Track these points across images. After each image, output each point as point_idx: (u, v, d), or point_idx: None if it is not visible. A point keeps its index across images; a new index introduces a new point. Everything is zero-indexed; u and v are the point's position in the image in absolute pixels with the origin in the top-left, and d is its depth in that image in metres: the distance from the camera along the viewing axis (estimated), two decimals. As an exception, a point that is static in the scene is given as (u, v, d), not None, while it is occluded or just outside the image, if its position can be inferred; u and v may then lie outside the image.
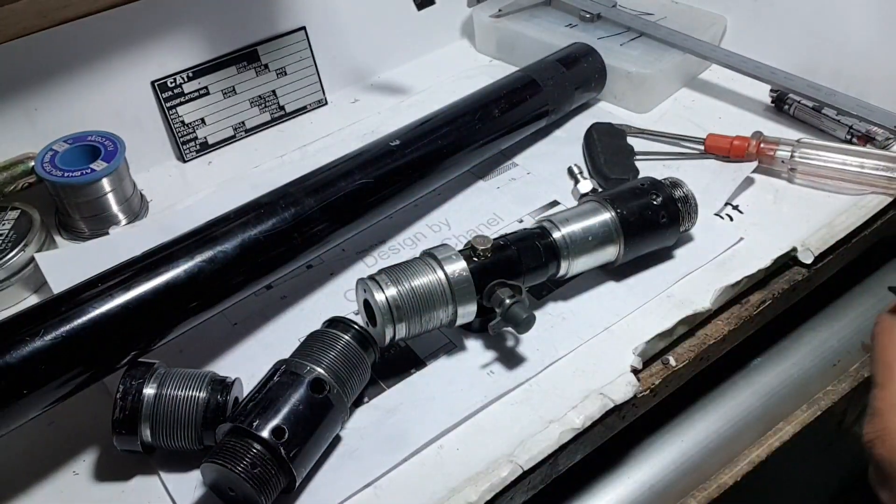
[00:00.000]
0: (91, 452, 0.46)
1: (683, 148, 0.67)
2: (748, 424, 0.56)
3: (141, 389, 0.43)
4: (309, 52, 0.74)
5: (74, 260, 0.57)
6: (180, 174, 0.69)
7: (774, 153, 0.61)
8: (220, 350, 0.51)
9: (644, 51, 0.74)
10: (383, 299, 0.45)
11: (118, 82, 0.65)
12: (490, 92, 0.65)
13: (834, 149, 0.60)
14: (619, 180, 0.62)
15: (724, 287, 0.52)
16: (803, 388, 0.59)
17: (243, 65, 0.71)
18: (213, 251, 0.47)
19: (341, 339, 0.45)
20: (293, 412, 0.41)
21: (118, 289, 0.43)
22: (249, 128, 0.73)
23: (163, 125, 0.69)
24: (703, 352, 0.51)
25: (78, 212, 0.61)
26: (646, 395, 0.48)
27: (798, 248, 0.55)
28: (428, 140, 0.59)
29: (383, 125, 0.70)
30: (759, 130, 0.64)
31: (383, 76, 0.81)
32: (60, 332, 0.41)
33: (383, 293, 0.46)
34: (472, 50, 0.85)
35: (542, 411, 0.46)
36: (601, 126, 0.68)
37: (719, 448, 0.55)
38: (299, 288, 0.56)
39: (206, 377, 0.44)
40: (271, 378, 0.43)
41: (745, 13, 0.76)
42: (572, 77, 0.69)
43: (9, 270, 0.56)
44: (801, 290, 0.56)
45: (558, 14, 0.81)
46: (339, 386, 0.43)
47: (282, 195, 0.51)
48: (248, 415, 0.41)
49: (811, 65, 0.69)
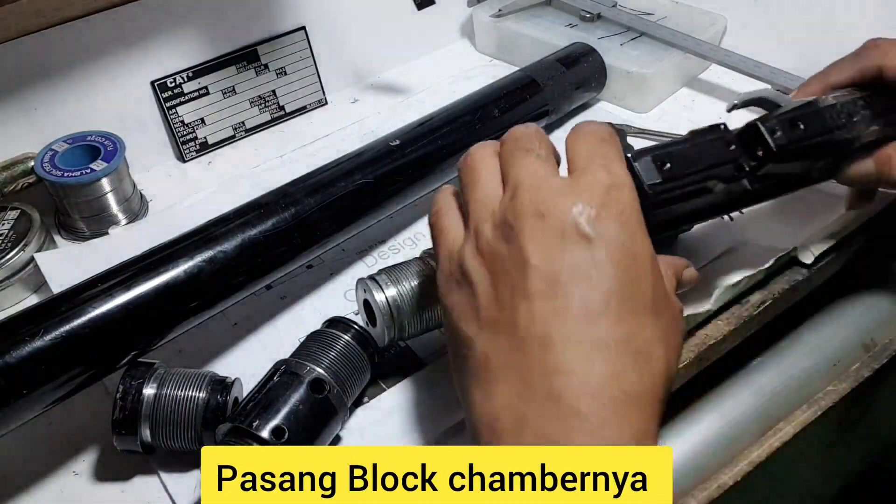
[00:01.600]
0: (91, 452, 0.46)
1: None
2: (748, 424, 0.56)
3: (141, 389, 0.43)
4: (309, 52, 0.74)
5: (74, 260, 0.57)
6: (180, 174, 0.69)
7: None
8: (220, 350, 0.51)
9: (644, 51, 0.74)
10: (383, 299, 0.45)
11: (118, 82, 0.65)
12: (490, 92, 0.65)
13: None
14: None
15: (724, 287, 0.52)
16: (803, 388, 0.58)
17: (243, 65, 0.71)
18: (213, 251, 0.47)
19: (341, 339, 0.45)
20: (293, 412, 0.41)
21: (118, 289, 0.43)
22: (249, 128, 0.73)
23: (163, 125, 0.69)
24: (704, 352, 0.51)
25: (78, 212, 0.61)
26: (646, 395, 0.48)
27: (798, 248, 0.55)
28: (428, 140, 0.59)
29: (383, 125, 0.70)
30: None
31: (383, 76, 0.81)
32: (60, 332, 0.41)
33: (383, 293, 0.45)
34: (472, 50, 0.85)
35: (542, 411, 0.46)
36: None
37: (719, 448, 0.55)
38: (299, 288, 0.56)
39: (206, 377, 0.44)
40: (271, 378, 0.43)
41: (745, 13, 0.76)
42: (572, 77, 0.69)
43: (8, 270, 0.56)
44: (801, 290, 0.56)
45: (558, 14, 0.81)
46: (339, 386, 0.43)
47: (282, 195, 0.51)
48: (248, 415, 0.41)
49: (811, 64, 0.69)
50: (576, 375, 0.31)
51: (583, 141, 0.38)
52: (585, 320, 0.32)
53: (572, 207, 0.34)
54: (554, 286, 0.33)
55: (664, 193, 0.41)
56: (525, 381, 0.32)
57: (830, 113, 0.45)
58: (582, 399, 0.31)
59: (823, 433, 0.66)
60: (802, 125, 0.44)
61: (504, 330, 0.34)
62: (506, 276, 0.34)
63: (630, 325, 0.33)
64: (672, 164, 0.40)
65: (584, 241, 0.33)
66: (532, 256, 0.33)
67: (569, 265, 0.33)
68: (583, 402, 0.31)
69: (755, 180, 0.44)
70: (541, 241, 0.34)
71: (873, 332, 0.61)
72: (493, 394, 0.33)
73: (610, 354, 0.32)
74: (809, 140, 0.44)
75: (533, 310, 0.33)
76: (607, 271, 0.33)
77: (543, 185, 0.35)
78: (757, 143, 0.44)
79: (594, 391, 0.31)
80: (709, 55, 0.71)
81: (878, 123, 0.47)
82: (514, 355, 0.33)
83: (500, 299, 0.34)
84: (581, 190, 0.35)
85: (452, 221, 0.39)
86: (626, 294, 0.33)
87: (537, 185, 0.35)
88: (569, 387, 0.31)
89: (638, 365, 0.32)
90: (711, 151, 0.42)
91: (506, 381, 0.33)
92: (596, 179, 0.35)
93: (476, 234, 0.36)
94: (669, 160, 0.40)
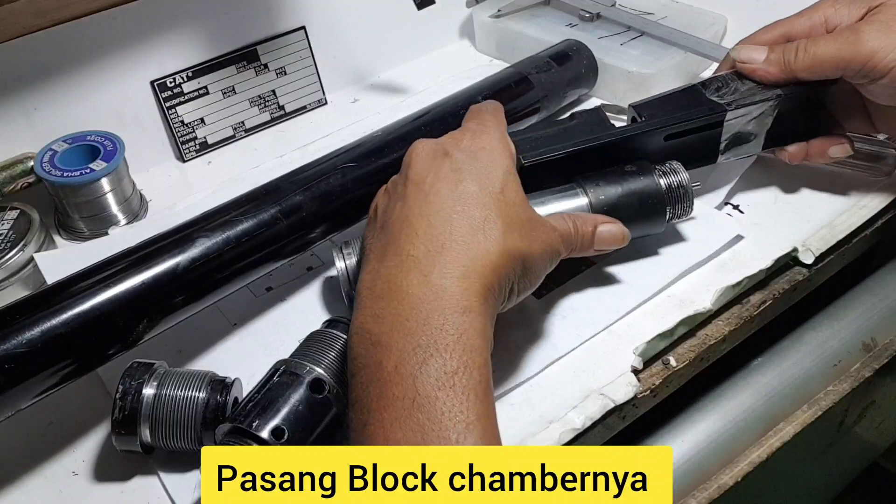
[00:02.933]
0: (90, 452, 0.46)
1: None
2: (748, 424, 0.56)
3: (140, 390, 0.43)
4: (309, 52, 0.74)
5: (74, 260, 0.57)
6: (180, 174, 0.69)
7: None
8: (220, 350, 0.51)
9: (644, 50, 0.74)
10: (342, 266, 0.49)
11: (118, 82, 0.65)
12: (481, 88, 0.65)
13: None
14: None
15: (724, 287, 0.52)
16: (803, 388, 0.58)
17: (243, 64, 0.70)
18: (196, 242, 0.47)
19: (341, 339, 0.45)
20: (293, 412, 0.41)
21: (108, 280, 0.43)
22: (249, 127, 0.73)
23: (162, 125, 0.69)
24: (704, 352, 0.51)
25: (77, 212, 0.61)
26: (646, 395, 0.48)
27: (798, 248, 0.55)
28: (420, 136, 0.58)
29: (383, 125, 0.69)
30: None
31: (383, 76, 0.81)
32: (50, 324, 0.41)
33: (343, 262, 0.49)
34: (472, 50, 0.85)
35: (541, 411, 0.46)
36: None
37: (719, 448, 0.55)
38: (299, 289, 0.56)
39: (206, 377, 0.44)
40: (271, 378, 0.43)
41: (745, 12, 0.76)
42: (563, 73, 0.69)
43: (8, 270, 0.56)
44: (801, 290, 0.56)
45: (558, 14, 0.81)
46: (339, 386, 0.43)
47: (273, 189, 0.51)
48: (248, 415, 0.41)
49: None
50: (419, 238, 0.40)
51: (469, 113, 0.49)
52: (438, 208, 0.41)
53: (445, 141, 0.45)
54: (420, 187, 0.42)
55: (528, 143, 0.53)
56: (384, 250, 0.41)
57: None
58: (418, 248, 0.39)
59: (823, 433, 0.66)
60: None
61: (384, 227, 0.43)
62: (394, 195, 0.44)
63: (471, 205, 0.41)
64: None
65: (445, 157, 0.44)
66: (410, 174, 0.44)
67: (433, 172, 0.43)
68: (419, 251, 0.39)
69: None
70: (417, 165, 0.44)
71: (873, 332, 0.61)
72: (365, 269, 0.42)
73: (448, 226, 0.40)
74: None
75: (403, 208, 0.42)
76: (463, 174, 0.42)
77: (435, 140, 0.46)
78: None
79: (431, 246, 0.39)
80: (709, 54, 0.71)
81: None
82: (383, 237, 0.42)
83: (387, 211, 0.44)
84: (455, 134, 0.46)
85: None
86: (473, 185, 0.42)
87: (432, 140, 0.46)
88: (412, 243, 0.40)
89: (473, 232, 0.40)
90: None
91: (375, 256, 0.42)
92: (466, 126, 0.47)
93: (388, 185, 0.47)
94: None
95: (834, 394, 0.59)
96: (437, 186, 0.42)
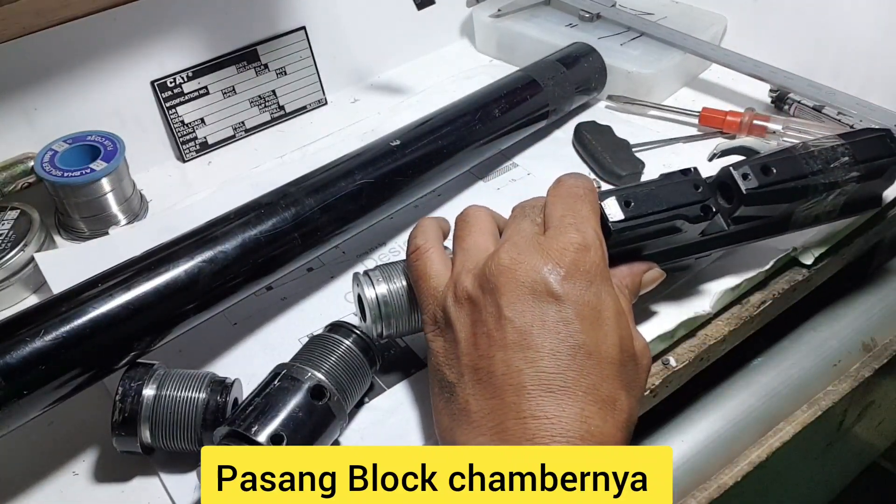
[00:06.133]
0: (91, 453, 0.46)
1: (679, 124, 0.70)
2: (748, 424, 0.56)
3: (140, 391, 0.42)
4: (309, 52, 0.74)
5: (74, 260, 0.57)
6: (180, 174, 0.69)
7: (766, 125, 0.66)
8: (220, 350, 0.51)
9: (644, 50, 0.74)
10: (373, 296, 0.46)
11: (118, 82, 0.65)
12: (490, 92, 0.65)
13: (824, 126, 0.64)
14: (633, 175, 0.62)
15: (723, 291, 0.52)
16: (803, 388, 0.58)
17: (243, 65, 0.71)
18: (213, 251, 0.46)
19: (342, 344, 0.45)
20: (292, 418, 0.40)
21: (118, 289, 0.43)
22: (249, 128, 0.73)
23: (162, 125, 0.69)
24: (704, 352, 0.51)
25: (77, 212, 0.61)
26: (646, 395, 0.48)
27: (798, 248, 0.55)
28: (428, 140, 0.59)
29: (383, 125, 0.70)
30: (751, 107, 0.68)
31: (383, 76, 0.81)
32: (60, 333, 0.41)
33: (374, 289, 0.46)
34: (472, 50, 0.85)
35: (542, 412, 0.46)
36: (587, 125, 0.68)
37: (719, 448, 0.55)
38: (300, 290, 0.56)
39: (206, 378, 0.44)
40: (271, 382, 0.42)
41: (745, 13, 0.76)
42: (573, 77, 0.69)
43: (8, 270, 0.56)
44: (801, 290, 0.56)
45: (558, 14, 0.81)
46: (340, 393, 0.43)
47: (282, 195, 0.51)
48: (247, 419, 0.40)
49: (811, 64, 0.69)
50: (548, 419, 0.35)
51: (560, 198, 0.42)
52: (555, 371, 0.36)
53: (543, 267, 0.38)
54: (526, 338, 0.37)
55: (628, 231, 0.44)
56: (502, 425, 0.35)
57: (806, 159, 0.47)
58: (555, 440, 0.34)
59: (823, 433, 0.66)
60: (775, 170, 0.46)
61: (483, 378, 0.37)
62: (483, 326, 0.38)
63: (595, 376, 0.36)
64: (636, 202, 0.44)
65: (552, 300, 0.37)
66: (506, 309, 0.37)
67: (539, 321, 0.37)
68: (556, 443, 0.34)
69: (732, 222, 0.47)
70: (515, 297, 0.37)
71: (873, 332, 0.62)
72: (476, 436, 0.36)
73: (577, 402, 0.35)
74: (781, 184, 0.46)
75: (508, 360, 0.36)
76: (574, 327, 0.37)
77: (521, 243, 0.39)
78: (731, 186, 0.46)
79: (564, 433, 0.34)
80: (709, 55, 0.71)
81: (858, 169, 0.48)
82: (492, 402, 0.36)
83: (478, 347, 0.38)
84: (552, 249, 0.39)
85: (433, 265, 0.43)
86: (591, 348, 0.37)
87: (517, 242, 0.40)
88: (542, 429, 0.35)
89: (602, 412, 0.36)
90: (677, 192, 0.45)
91: (486, 424, 0.36)
92: (567, 240, 0.39)
93: (457, 282, 0.40)
94: (634, 199, 0.44)
95: (833, 394, 0.59)
96: (549, 345, 0.36)
